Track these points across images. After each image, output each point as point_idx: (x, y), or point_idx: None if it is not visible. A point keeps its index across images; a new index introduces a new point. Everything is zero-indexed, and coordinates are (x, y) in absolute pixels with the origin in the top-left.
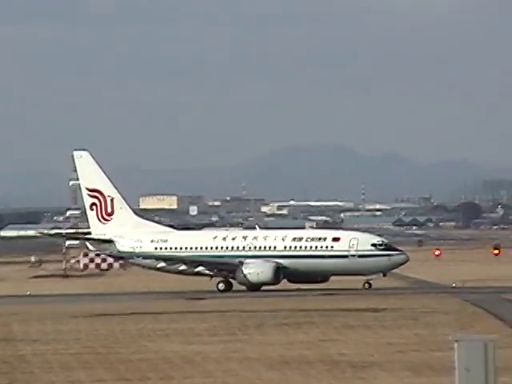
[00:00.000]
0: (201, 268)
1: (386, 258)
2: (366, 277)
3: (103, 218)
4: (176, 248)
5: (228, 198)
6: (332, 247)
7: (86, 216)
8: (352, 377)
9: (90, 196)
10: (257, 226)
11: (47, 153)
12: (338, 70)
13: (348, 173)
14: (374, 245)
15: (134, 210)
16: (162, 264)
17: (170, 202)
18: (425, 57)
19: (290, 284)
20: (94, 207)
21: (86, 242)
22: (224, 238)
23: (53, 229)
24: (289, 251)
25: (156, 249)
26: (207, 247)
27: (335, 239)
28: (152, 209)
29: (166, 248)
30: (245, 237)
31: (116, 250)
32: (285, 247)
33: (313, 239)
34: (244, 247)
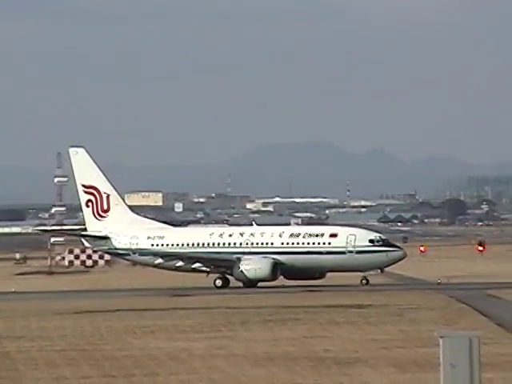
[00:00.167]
0: (198, 264)
1: (383, 254)
2: (363, 273)
3: (99, 214)
4: (173, 244)
5: (213, 195)
6: (329, 243)
7: (82, 212)
8: (337, 373)
9: (86, 193)
10: (253, 222)
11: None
12: (324, 68)
13: (333, 169)
14: (371, 241)
15: None
16: (160, 260)
17: (155, 199)
18: (412, 55)
19: (287, 280)
20: (90, 204)
21: (82, 239)
22: (221, 234)
23: (38, 225)
24: (286, 247)
25: (152, 245)
26: (204, 244)
27: (332, 235)
28: (137, 206)
29: (163, 245)
30: (242, 233)
31: (112, 247)
32: (282, 243)
33: (310, 235)
34: (241, 243)
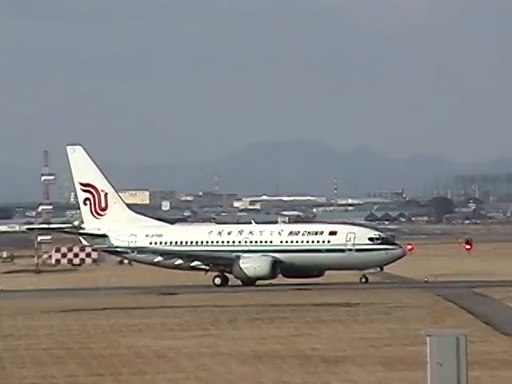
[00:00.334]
0: (197, 262)
1: (383, 252)
2: (362, 271)
3: (97, 212)
4: (171, 242)
5: (200, 193)
6: (329, 241)
7: (80, 210)
8: (324, 371)
9: (84, 191)
10: (252, 220)
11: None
12: (312, 67)
13: (320, 168)
14: (371, 239)
15: None
16: (159, 258)
17: (143, 198)
18: (399, 54)
19: (286, 279)
20: (88, 202)
21: (80, 237)
22: (220, 232)
23: (25, 224)
24: (285, 245)
25: (151, 243)
26: (203, 242)
27: (332, 233)
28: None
29: (161, 242)
30: (241, 231)
31: (110, 245)
32: (281, 241)
33: (309, 233)
34: (240, 241)
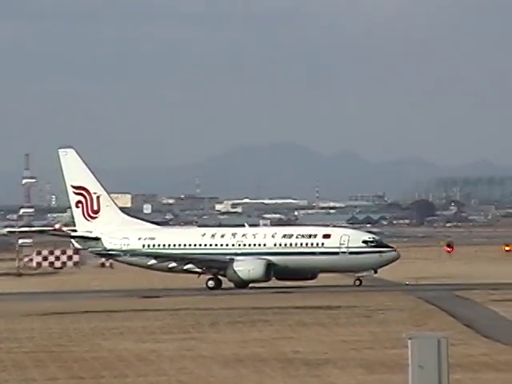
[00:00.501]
0: (190, 265)
1: (377, 254)
2: (357, 274)
3: (89, 215)
4: (164, 245)
5: (182, 196)
6: (323, 244)
7: (72, 213)
8: (306, 374)
9: (76, 194)
10: (246, 223)
11: None
12: (293, 69)
13: (302, 171)
14: (365, 242)
15: None
16: (153, 261)
17: (124, 201)
18: (379, 56)
19: (278, 281)
20: (80, 205)
21: (72, 240)
22: (213, 235)
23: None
24: (279, 248)
25: (144, 246)
26: (196, 244)
27: (326, 236)
28: None
29: (154, 245)
30: (234, 234)
31: (103, 248)
32: (275, 244)
33: (303, 236)
34: (234, 244)
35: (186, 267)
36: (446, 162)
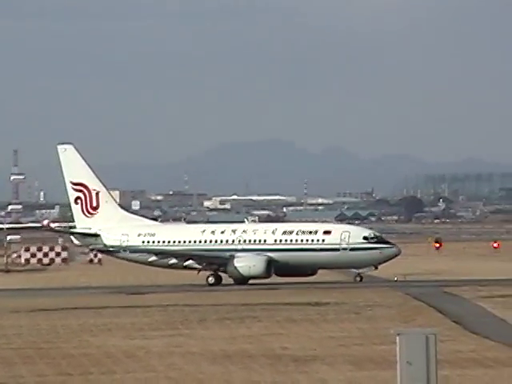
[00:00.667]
0: (190, 262)
1: (377, 251)
2: (357, 270)
3: (88, 211)
4: (164, 242)
5: (171, 193)
6: (323, 240)
7: (71, 209)
8: (294, 371)
9: (75, 190)
10: (245, 219)
11: None
12: (281, 67)
13: (290, 167)
14: (365, 238)
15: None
16: (153, 258)
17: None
18: (367, 53)
19: (278, 277)
20: (79, 201)
21: (71, 236)
22: (213, 231)
23: None
24: (279, 244)
25: (143, 242)
26: (196, 241)
27: (326, 232)
28: None
29: (154, 242)
30: (234, 230)
31: (102, 244)
32: (275, 240)
33: (304, 232)
34: (234, 240)
35: (186, 263)
36: (435, 159)
